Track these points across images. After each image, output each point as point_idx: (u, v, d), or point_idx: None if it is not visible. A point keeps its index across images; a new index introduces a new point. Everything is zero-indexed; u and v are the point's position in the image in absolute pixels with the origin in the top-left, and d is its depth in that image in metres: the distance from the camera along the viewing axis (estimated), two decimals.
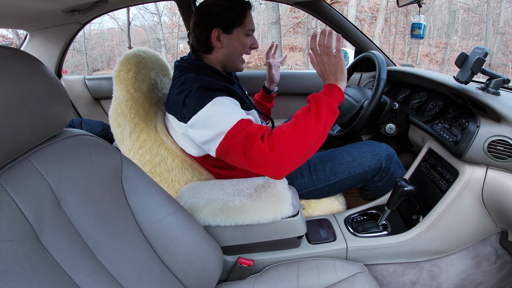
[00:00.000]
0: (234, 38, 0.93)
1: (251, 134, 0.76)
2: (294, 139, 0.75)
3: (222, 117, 0.79)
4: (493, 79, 0.84)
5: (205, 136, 0.80)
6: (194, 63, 0.94)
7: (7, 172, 0.44)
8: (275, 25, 7.30)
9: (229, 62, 0.97)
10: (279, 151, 0.73)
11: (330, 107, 0.79)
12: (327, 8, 1.48)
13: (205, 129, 0.80)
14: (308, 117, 0.77)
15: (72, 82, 1.72)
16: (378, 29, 8.82)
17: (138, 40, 13.63)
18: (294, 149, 0.75)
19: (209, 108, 0.79)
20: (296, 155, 0.75)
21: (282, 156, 0.73)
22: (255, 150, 0.74)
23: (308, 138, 0.75)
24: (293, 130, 0.76)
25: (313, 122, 0.76)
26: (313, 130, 0.76)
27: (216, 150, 0.80)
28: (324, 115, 0.77)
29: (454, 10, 12.30)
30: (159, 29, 12.75)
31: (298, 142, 0.75)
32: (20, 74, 0.44)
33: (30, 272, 0.40)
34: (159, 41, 12.77)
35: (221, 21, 0.90)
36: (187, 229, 0.67)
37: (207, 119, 0.79)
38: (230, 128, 0.77)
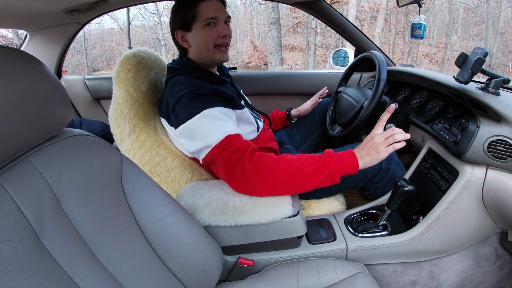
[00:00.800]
0: (195, 33, 0.92)
1: (238, 151, 0.78)
2: (282, 177, 0.76)
3: (210, 130, 0.80)
4: (493, 79, 0.84)
5: (192, 146, 0.84)
6: (185, 64, 0.95)
7: (7, 172, 0.44)
8: (275, 25, 7.30)
9: (203, 57, 0.95)
10: (262, 177, 0.76)
11: (333, 174, 0.77)
12: (327, 8, 1.48)
13: (193, 140, 0.83)
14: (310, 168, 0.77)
15: (72, 82, 1.72)
16: (378, 29, 8.82)
17: (138, 40, 13.64)
18: (276, 184, 0.77)
19: (198, 120, 0.81)
20: (274, 190, 0.78)
21: (262, 182, 0.76)
22: (239, 167, 0.77)
23: (294, 185, 0.77)
24: (288, 169, 0.77)
25: (309, 177, 0.77)
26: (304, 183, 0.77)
27: (203, 160, 0.83)
28: (322, 178, 0.77)
29: (454, 10, 12.30)
30: (159, 29, 12.76)
31: (283, 182, 0.77)
32: (20, 74, 0.44)
33: (30, 272, 0.40)
34: (159, 41, 12.78)
35: (178, 21, 0.91)
36: (187, 229, 0.67)
37: (194, 130, 0.81)
38: (216, 143, 0.79)
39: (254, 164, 0.76)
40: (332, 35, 10.47)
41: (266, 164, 0.77)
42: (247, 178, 0.77)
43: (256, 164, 0.77)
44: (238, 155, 0.77)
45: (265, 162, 0.77)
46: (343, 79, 1.39)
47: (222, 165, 0.79)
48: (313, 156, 0.81)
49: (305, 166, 0.77)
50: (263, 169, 0.76)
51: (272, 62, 7.70)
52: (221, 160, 0.79)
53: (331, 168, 0.77)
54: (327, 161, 0.78)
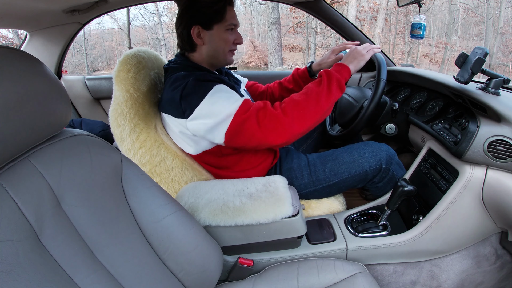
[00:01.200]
0: (214, 34, 0.93)
1: (260, 107, 0.83)
2: (305, 106, 0.84)
3: (226, 102, 0.83)
4: (493, 79, 0.84)
5: (210, 124, 0.83)
6: (184, 63, 0.95)
7: (7, 172, 0.44)
8: (275, 25, 7.29)
9: (214, 58, 0.97)
10: (292, 116, 0.82)
11: (339, 83, 0.88)
12: (327, 8, 1.48)
13: (211, 117, 0.82)
14: (319, 89, 0.86)
15: (72, 82, 1.72)
16: (378, 29, 8.82)
17: (138, 40, 13.64)
18: (305, 115, 0.84)
19: (211, 96, 0.82)
20: (306, 122, 0.84)
21: (294, 121, 0.82)
22: (269, 118, 0.82)
23: (318, 108, 0.85)
24: (305, 99, 0.85)
25: (324, 94, 0.86)
26: (324, 101, 0.85)
27: (225, 134, 0.83)
28: (334, 89, 0.87)
29: (454, 10, 12.31)
30: (159, 29, 12.76)
31: (309, 110, 0.84)
32: (20, 74, 0.44)
33: (30, 272, 0.40)
34: (159, 41, 12.78)
35: (200, 18, 0.90)
36: (187, 229, 0.67)
37: (211, 107, 0.82)
38: (237, 109, 0.82)
39: (279, 110, 0.83)
40: (332, 35, 10.47)
41: (287, 103, 0.85)
42: (281, 124, 0.82)
43: (281, 108, 0.84)
44: (263, 111, 0.83)
45: (286, 102, 0.85)
46: None
47: (252, 124, 0.81)
48: (314, 82, 0.90)
49: (315, 88, 0.87)
50: (288, 107, 0.83)
51: (272, 62, 7.70)
52: (250, 119, 0.81)
53: (336, 79, 0.88)
54: (329, 77, 0.88)
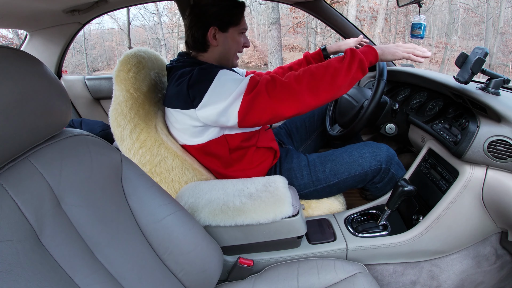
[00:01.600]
0: (229, 36, 0.96)
1: (268, 80, 0.83)
2: (321, 78, 0.82)
3: (233, 82, 0.84)
4: (493, 79, 0.84)
5: (222, 107, 0.83)
6: (189, 61, 0.96)
7: (7, 172, 0.44)
8: (275, 25, 7.29)
9: (224, 59, 0.99)
10: (305, 85, 0.81)
11: (361, 64, 0.85)
12: (327, 8, 1.48)
13: (221, 100, 0.83)
14: (340, 64, 0.84)
15: (72, 82, 1.72)
16: (378, 29, 8.82)
17: (138, 40, 13.63)
18: (319, 87, 0.82)
19: (218, 80, 0.84)
20: (319, 94, 0.82)
21: (307, 90, 0.81)
22: (280, 88, 0.81)
23: (333, 83, 0.82)
24: (322, 71, 0.83)
25: (344, 70, 0.83)
26: (342, 77, 0.83)
27: (239, 113, 0.83)
28: (354, 69, 0.84)
29: (454, 10, 12.30)
30: (159, 29, 12.75)
31: (323, 82, 0.82)
32: (20, 74, 0.44)
33: (30, 272, 0.40)
34: (159, 41, 12.77)
35: (218, 20, 0.93)
36: (187, 229, 0.67)
37: (220, 90, 0.83)
38: (246, 86, 0.82)
39: (289, 78, 0.82)
40: (332, 35, 10.47)
41: (303, 73, 0.83)
42: (293, 92, 0.81)
43: (291, 77, 0.82)
44: (271, 82, 0.82)
45: (301, 71, 0.83)
46: None
47: (264, 97, 0.81)
48: (336, 57, 0.87)
49: (336, 63, 0.84)
50: (303, 77, 0.82)
51: (272, 62, 7.69)
52: (260, 93, 0.81)
53: (359, 58, 0.85)
54: (353, 55, 0.85)
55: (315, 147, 1.41)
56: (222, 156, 0.99)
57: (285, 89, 0.81)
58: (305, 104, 0.82)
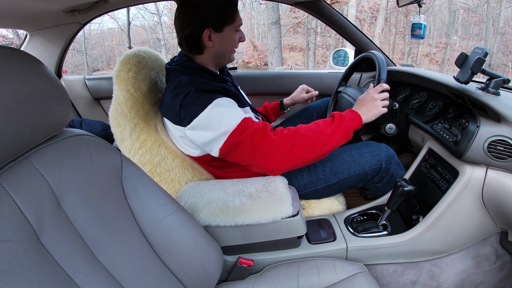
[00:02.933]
0: (225, 36, 0.92)
1: (259, 129, 0.81)
2: (308, 141, 0.82)
3: (225, 117, 0.81)
4: (493, 79, 0.84)
5: (207, 137, 0.83)
6: (186, 65, 0.93)
7: (7, 172, 0.44)
8: (275, 25, 7.29)
9: (221, 58, 0.97)
10: (292, 145, 0.81)
11: (347, 132, 0.87)
12: (327, 8, 1.48)
13: (208, 131, 0.82)
14: (328, 130, 0.85)
15: (72, 82, 1.72)
16: (378, 29, 8.82)
17: (138, 40, 13.64)
18: (305, 150, 0.82)
19: (211, 110, 0.81)
20: (304, 156, 0.82)
21: (293, 151, 0.81)
22: (265, 143, 0.80)
23: (320, 147, 0.83)
24: (310, 134, 0.83)
25: (331, 136, 0.84)
26: (328, 143, 0.84)
27: (220, 150, 0.83)
28: (340, 135, 0.86)
29: (454, 10, 12.30)
30: (159, 29, 12.76)
31: (311, 145, 0.83)
32: (20, 74, 0.44)
33: (30, 272, 0.40)
34: (159, 41, 12.78)
35: (213, 21, 0.88)
36: (187, 229, 0.67)
37: (209, 120, 0.81)
38: (234, 128, 0.80)
39: (280, 136, 0.82)
40: (332, 35, 10.47)
41: (291, 133, 0.83)
42: (277, 151, 0.81)
43: (282, 135, 0.82)
44: (260, 134, 0.81)
45: (290, 131, 0.83)
46: (343, 79, 1.39)
47: (246, 147, 0.80)
48: (324, 120, 0.89)
49: (324, 128, 0.86)
50: (291, 137, 0.81)
51: (272, 62, 7.70)
52: (244, 142, 0.80)
53: (345, 126, 0.87)
54: (340, 121, 0.87)
55: None
56: (219, 163, 0.99)
57: (271, 146, 0.80)
58: (287, 163, 0.82)
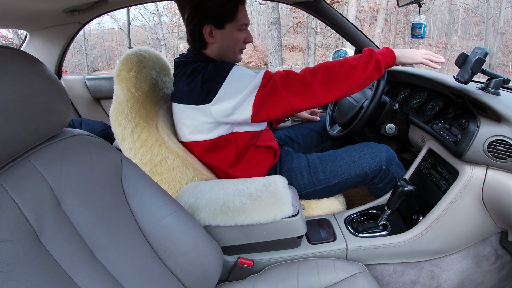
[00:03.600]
0: (226, 33, 0.93)
1: (283, 74, 0.83)
2: (335, 75, 0.83)
3: (248, 77, 0.84)
4: (493, 79, 0.84)
5: (236, 100, 0.84)
6: (197, 57, 0.95)
7: (7, 172, 0.44)
8: (275, 25, 7.29)
9: (225, 56, 0.98)
10: (319, 79, 0.81)
11: (378, 64, 0.86)
12: (327, 8, 1.48)
13: (236, 94, 0.83)
14: (356, 62, 0.85)
15: (72, 82, 1.72)
16: (378, 29, 8.82)
17: (138, 40, 13.64)
18: (333, 84, 0.82)
19: (232, 74, 0.84)
20: (332, 90, 0.83)
21: (321, 85, 0.82)
22: (294, 80, 0.82)
23: (348, 80, 0.83)
24: (337, 68, 0.83)
25: (359, 69, 0.84)
26: (356, 75, 0.84)
27: (253, 106, 0.83)
28: (370, 68, 0.85)
29: (454, 10, 12.30)
30: (159, 29, 12.76)
31: (338, 79, 0.83)
32: (20, 74, 0.44)
33: (30, 272, 0.40)
34: (159, 41, 12.77)
35: (213, 17, 0.90)
36: (187, 229, 0.67)
37: (235, 84, 0.84)
38: (261, 79, 0.83)
39: (304, 72, 0.83)
40: (332, 35, 10.47)
41: (318, 68, 0.83)
42: (307, 85, 0.82)
43: (307, 71, 0.83)
44: (285, 76, 0.83)
45: (317, 66, 0.84)
46: None
47: (278, 89, 0.82)
48: (354, 56, 0.88)
49: (352, 61, 0.85)
50: (318, 71, 0.82)
51: (272, 62, 7.69)
52: (275, 86, 0.82)
53: (376, 59, 0.86)
54: (370, 55, 0.86)
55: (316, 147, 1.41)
56: (228, 154, 0.98)
57: (299, 82, 0.82)
58: (318, 98, 0.83)
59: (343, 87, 0.84)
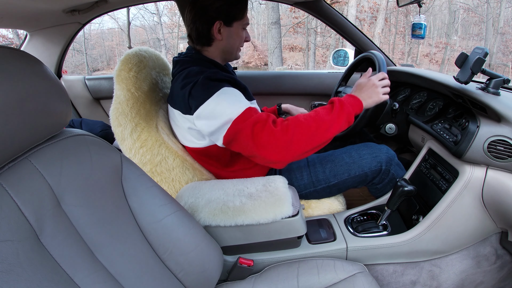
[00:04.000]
0: (233, 31, 0.96)
1: (261, 120, 0.81)
2: (308, 131, 0.81)
3: (229, 105, 0.82)
4: (493, 79, 0.84)
5: (212, 126, 0.83)
6: (195, 57, 0.96)
7: (7, 172, 0.44)
8: (275, 25, 7.29)
9: (228, 53, 1.00)
10: (292, 135, 0.79)
11: (349, 117, 0.85)
12: (327, 8, 1.48)
13: (213, 119, 0.83)
14: (328, 117, 0.83)
15: (72, 82, 1.72)
16: (378, 29, 8.82)
17: (138, 40, 13.64)
18: (306, 139, 0.80)
19: (216, 98, 0.82)
20: (305, 146, 0.80)
21: (293, 141, 0.79)
22: (266, 134, 0.79)
23: (320, 135, 0.82)
24: (310, 123, 0.82)
25: (332, 124, 0.83)
26: (330, 130, 0.82)
27: (224, 138, 0.83)
28: (342, 121, 0.84)
29: (454, 10, 12.30)
30: (159, 29, 12.76)
31: (311, 134, 0.81)
32: (20, 74, 0.44)
33: (30, 272, 0.40)
34: (159, 41, 12.78)
35: (224, 15, 0.92)
36: (187, 229, 0.67)
37: (214, 108, 0.82)
38: (238, 115, 0.81)
39: (281, 127, 0.80)
40: (332, 35, 10.47)
41: (291, 123, 0.81)
42: (277, 141, 0.79)
43: (283, 126, 0.81)
44: (261, 124, 0.80)
45: (290, 121, 0.82)
46: (343, 79, 1.39)
47: (247, 136, 0.80)
48: (324, 107, 0.87)
49: (324, 116, 0.84)
50: (290, 128, 0.80)
51: (272, 62, 7.70)
52: (245, 130, 0.79)
53: (347, 112, 0.85)
54: (341, 107, 0.85)
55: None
56: (222, 158, 0.99)
57: (270, 137, 0.79)
58: (287, 154, 0.80)
59: (314, 142, 0.82)
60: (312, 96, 1.60)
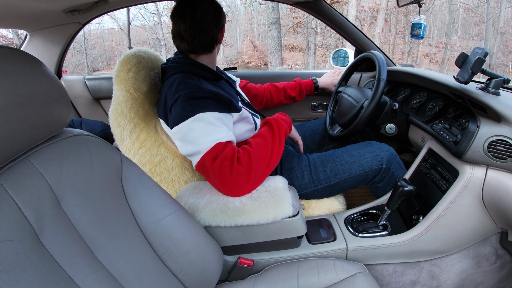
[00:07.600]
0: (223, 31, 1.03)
1: (227, 157, 0.81)
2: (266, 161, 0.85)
3: (201, 135, 0.82)
4: (493, 79, 0.84)
5: (184, 149, 0.86)
6: (182, 61, 0.95)
7: (7, 172, 0.44)
8: (275, 25, 7.29)
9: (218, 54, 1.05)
10: (255, 172, 0.82)
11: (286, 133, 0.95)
12: (327, 8, 1.48)
13: (185, 143, 0.84)
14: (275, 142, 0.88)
15: (72, 82, 1.72)
16: (378, 29, 8.82)
17: (138, 40, 13.64)
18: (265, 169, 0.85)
19: (190, 123, 0.82)
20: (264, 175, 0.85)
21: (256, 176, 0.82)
22: (235, 174, 0.80)
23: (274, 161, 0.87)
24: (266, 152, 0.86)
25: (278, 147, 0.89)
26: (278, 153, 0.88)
27: (196, 166, 0.85)
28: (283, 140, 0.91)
29: (454, 10, 12.31)
30: (159, 29, 12.76)
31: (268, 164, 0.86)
32: (20, 74, 0.44)
33: (30, 272, 0.40)
34: (159, 41, 12.78)
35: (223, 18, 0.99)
36: (187, 229, 0.67)
37: (186, 133, 0.83)
38: (207, 151, 0.81)
39: (243, 164, 0.81)
40: (332, 35, 10.47)
41: (251, 158, 0.83)
42: (245, 179, 0.81)
43: (244, 162, 0.81)
44: (228, 163, 0.80)
45: (249, 155, 0.83)
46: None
47: (215, 176, 0.81)
48: (263, 130, 0.93)
49: (269, 138, 0.89)
50: (252, 163, 0.82)
51: (272, 62, 7.70)
52: (213, 172, 0.80)
53: (284, 129, 0.93)
54: (277, 126, 0.92)
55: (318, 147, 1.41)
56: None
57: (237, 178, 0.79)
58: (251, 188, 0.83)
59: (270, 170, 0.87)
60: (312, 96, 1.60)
